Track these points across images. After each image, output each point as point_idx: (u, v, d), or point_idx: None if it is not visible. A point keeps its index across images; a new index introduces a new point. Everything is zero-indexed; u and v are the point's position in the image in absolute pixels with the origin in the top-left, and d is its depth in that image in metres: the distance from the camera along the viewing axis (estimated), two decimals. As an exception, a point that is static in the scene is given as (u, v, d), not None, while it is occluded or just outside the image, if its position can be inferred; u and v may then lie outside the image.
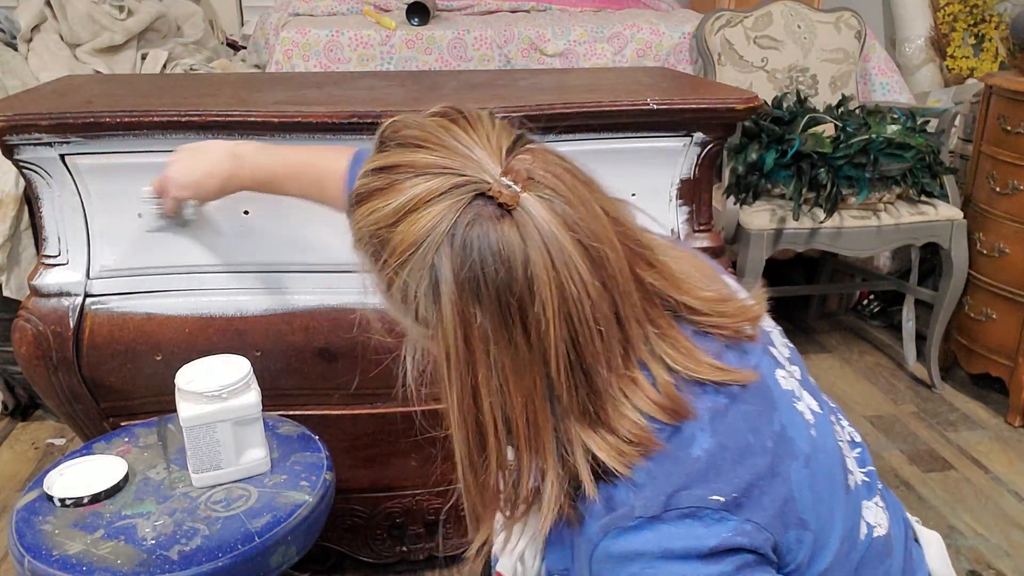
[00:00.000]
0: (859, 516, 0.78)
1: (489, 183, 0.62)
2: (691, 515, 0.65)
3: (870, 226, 2.19)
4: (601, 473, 0.67)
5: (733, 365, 0.72)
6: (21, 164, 1.26)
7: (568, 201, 0.64)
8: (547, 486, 0.67)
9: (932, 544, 0.89)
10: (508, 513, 0.72)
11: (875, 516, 0.80)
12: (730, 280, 0.83)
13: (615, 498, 0.66)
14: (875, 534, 0.79)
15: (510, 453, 0.69)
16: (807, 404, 0.77)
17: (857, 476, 0.80)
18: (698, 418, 0.68)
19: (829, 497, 0.73)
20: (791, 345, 0.84)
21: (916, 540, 0.89)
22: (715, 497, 0.65)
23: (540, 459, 0.67)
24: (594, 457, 0.66)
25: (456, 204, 0.62)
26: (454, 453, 0.69)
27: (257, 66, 2.80)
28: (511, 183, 0.62)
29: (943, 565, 0.88)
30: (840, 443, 0.80)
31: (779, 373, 0.77)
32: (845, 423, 0.87)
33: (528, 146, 0.67)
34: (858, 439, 0.87)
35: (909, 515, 0.91)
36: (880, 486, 0.85)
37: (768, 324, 0.82)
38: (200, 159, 1.15)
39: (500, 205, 0.62)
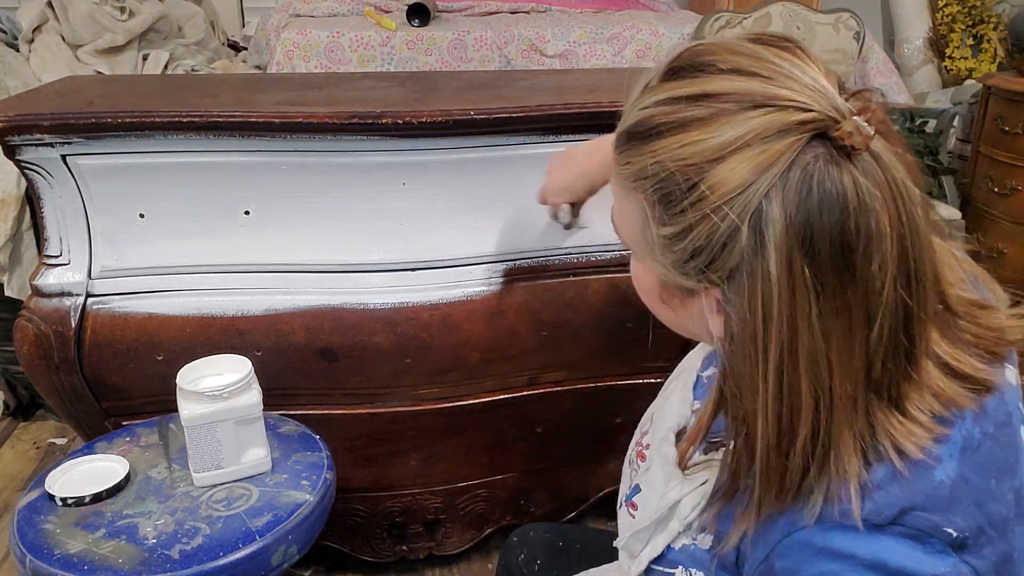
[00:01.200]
0: None
1: (839, 121, 0.54)
2: (915, 537, 0.59)
3: (869, 227, 2.20)
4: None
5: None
6: (23, 164, 1.26)
7: (905, 147, 0.57)
8: (840, 463, 0.59)
9: None
10: (785, 498, 0.62)
11: None
12: (975, 277, 0.73)
13: (838, 490, 0.60)
14: None
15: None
16: None
17: None
18: (951, 441, 0.62)
19: None
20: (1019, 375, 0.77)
21: None
22: (949, 529, 0.59)
23: (851, 435, 0.59)
24: (879, 440, 0.60)
25: (797, 142, 0.54)
26: (753, 425, 0.60)
27: (258, 67, 2.80)
28: (864, 123, 0.54)
29: None
30: None
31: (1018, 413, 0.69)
32: None
33: (846, 85, 0.59)
34: None
35: None
36: None
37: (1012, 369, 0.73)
38: (570, 162, 1.13)
39: (843, 147, 0.54)
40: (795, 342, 0.56)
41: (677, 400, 0.81)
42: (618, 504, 0.83)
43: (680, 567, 0.71)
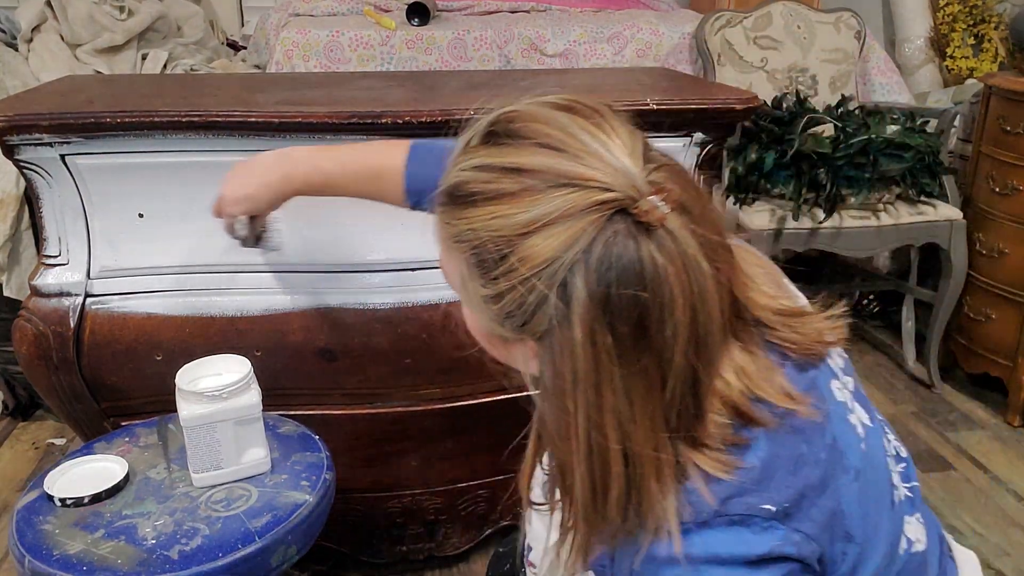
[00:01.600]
0: (901, 531, 0.77)
1: (635, 200, 0.58)
2: (740, 522, 0.64)
3: (870, 226, 2.20)
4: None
5: (793, 381, 0.70)
6: (22, 164, 1.26)
7: (699, 220, 0.61)
8: (655, 508, 0.64)
9: (968, 562, 0.87)
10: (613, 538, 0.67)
11: (915, 531, 0.79)
12: (790, 286, 0.81)
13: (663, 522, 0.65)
14: (913, 549, 0.78)
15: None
16: (859, 417, 0.76)
17: (901, 491, 0.79)
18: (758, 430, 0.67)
19: (876, 512, 0.72)
20: (845, 355, 0.82)
21: (951, 557, 0.87)
22: (766, 506, 0.64)
23: (660, 483, 0.63)
24: (700, 471, 0.65)
25: (598, 220, 0.58)
26: (563, 482, 0.66)
27: (257, 66, 2.80)
28: (660, 202, 0.58)
29: None
30: (887, 457, 0.79)
31: (834, 384, 0.75)
32: (892, 437, 0.86)
33: (652, 152, 0.63)
34: (904, 454, 0.85)
35: (945, 532, 0.89)
36: (919, 501, 0.84)
37: None
38: (251, 170, 1.11)
39: (641, 223, 0.58)
40: (601, 404, 0.61)
41: None
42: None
43: None
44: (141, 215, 1.31)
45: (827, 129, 2.17)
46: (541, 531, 0.78)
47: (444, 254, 0.68)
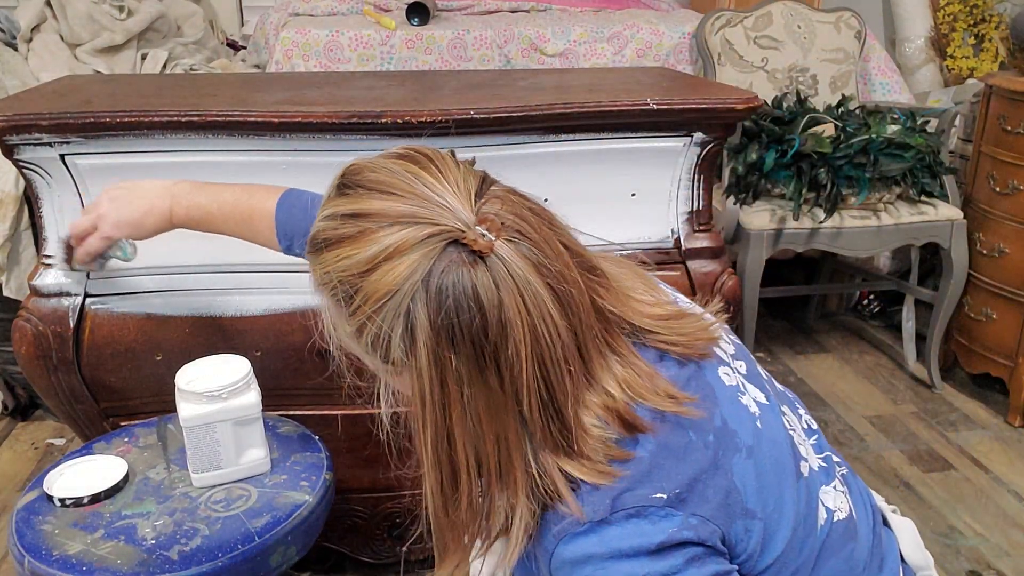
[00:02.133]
0: (816, 501, 0.80)
1: (464, 232, 0.63)
2: (637, 514, 0.67)
3: (870, 226, 2.19)
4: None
5: (675, 379, 0.74)
6: (21, 164, 1.26)
7: (536, 244, 0.66)
8: (517, 518, 0.69)
9: (905, 530, 0.90)
10: (479, 545, 0.73)
11: (834, 500, 0.82)
12: (669, 289, 0.87)
13: (561, 509, 0.69)
14: (836, 518, 0.81)
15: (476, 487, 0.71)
16: (752, 397, 0.80)
17: (812, 462, 0.83)
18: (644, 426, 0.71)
19: (777, 485, 0.76)
20: (737, 341, 0.87)
21: (887, 525, 0.90)
22: (658, 495, 0.68)
23: (512, 494, 0.68)
24: (572, 478, 0.68)
25: (431, 252, 0.63)
26: (423, 488, 0.72)
27: (257, 66, 2.80)
28: (485, 231, 0.63)
29: (915, 549, 0.89)
30: (792, 432, 0.82)
31: (722, 370, 0.79)
32: (802, 411, 0.90)
33: (492, 188, 0.68)
34: (815, 427, 0.89)
35: (884, 502, 0.93)
36: (844, 472, 0.88)
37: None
38: (137, 197, 1.11)
39: (473, 252, 0.63)
40: (449, 422, 0.66)
41: None
42: None
43: None
44: (141, 215, 1.31)
45: (827, 129, 2.17)
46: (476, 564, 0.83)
47: (318, 294, 0.73)
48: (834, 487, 0.83)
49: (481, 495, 0.70)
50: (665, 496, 0.68)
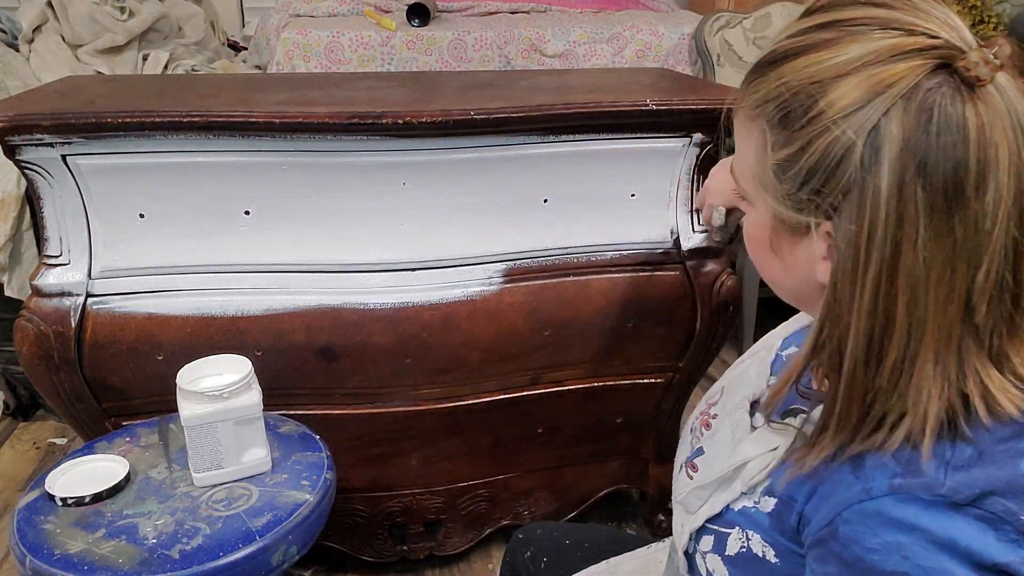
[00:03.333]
0: None
1: (964, 52, 0.55)
2: (991, 522, 0.58)
3: (869, 226, 2.19)
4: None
5: None
6: (23, 164, 1.26)
7: None
8: (916, 414, 0.58)
9: None
10: (863, 433, 0.62)
11: None
12: None
13: (918, 463, 0.59)
14: None
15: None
16: None
17: None
18: None
19: None
20: None
21: None
22: None
23: (928, 379, 0.58)
24: (969, 389, 0.59)
25: (921, 67, 0.55)
26: (847, 340, 0.60)
27: (258, 67, 2.80)
28: (991, 56, 0.55)
29: None
30: None
31: None
32: None
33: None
34: None
35: None
36: None
37: None
38: (717, 168, 1.18)
39: (966, 80, 0.55)
40: (896, 262, 0.57)
41: (753, 374, 0.82)
42: (676, 467, 0.84)
43: (737, 527, 0.71)
44: (142, 215, 1.31)
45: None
46: (726, 444, 0.76)
47: (740, 140, 0.66)
48: None
49: (903, 360, 0.59)
50: None
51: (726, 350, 2.02)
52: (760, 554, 0.69)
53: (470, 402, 1.50)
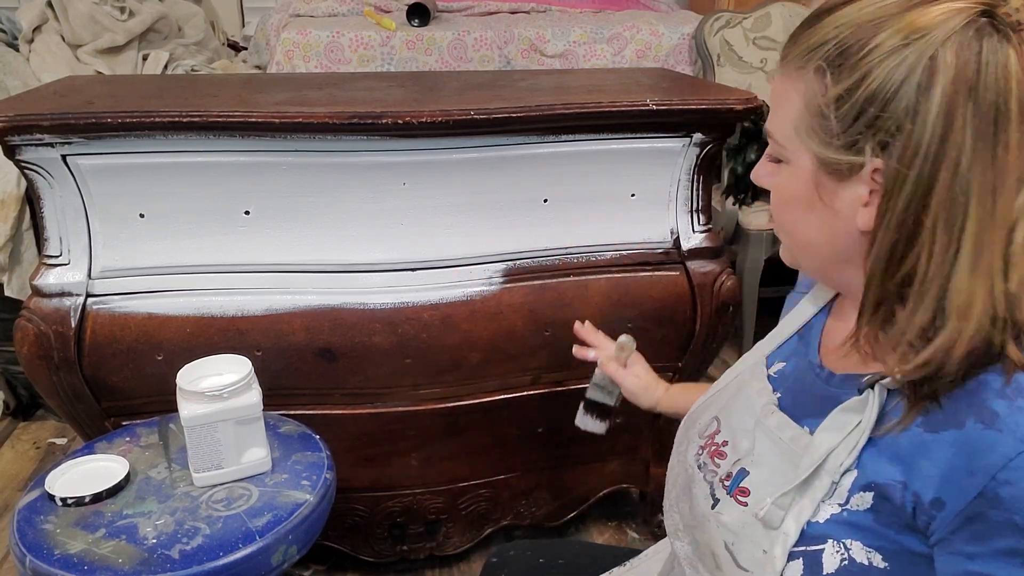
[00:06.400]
0: None
1: (1006, 2, 0.61)
2: None
3: (869, 226, 2.19)
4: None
5: None
6: (23, 164, 1.26)
7: None
8: (957, 349, 0.60)
9: None
10: (898, 361, 0.63)
11: None
12: None
13: None
14: None
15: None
16: None
17: None
18: None
19: None
20: None
21: None
22: None
23: (966, 306, 0.61)
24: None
25: (971, 9, 0.60)
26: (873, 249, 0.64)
27: (258, 67, 2.80)
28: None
29: None
30: None
31: None
32: None
33: None
34: None
35: None
36: None
37: None
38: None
39: (1007, 25, 0.61)
40: (933, 182, 0.60)
41: (754, 391, 0.80)
42: (696, 505, 0.80)
43: (830, 540, 0.66)
44: (142, 215, 1.31)
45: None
46: (775, 453, 0.73)
47: (781, 97, 0.69)
48: None
49: (928, 282, 0.62)
50: None
51: (726, 350, 2.02)
52: (865, 562, 0.65)
53: (470, 402, 1.50)
